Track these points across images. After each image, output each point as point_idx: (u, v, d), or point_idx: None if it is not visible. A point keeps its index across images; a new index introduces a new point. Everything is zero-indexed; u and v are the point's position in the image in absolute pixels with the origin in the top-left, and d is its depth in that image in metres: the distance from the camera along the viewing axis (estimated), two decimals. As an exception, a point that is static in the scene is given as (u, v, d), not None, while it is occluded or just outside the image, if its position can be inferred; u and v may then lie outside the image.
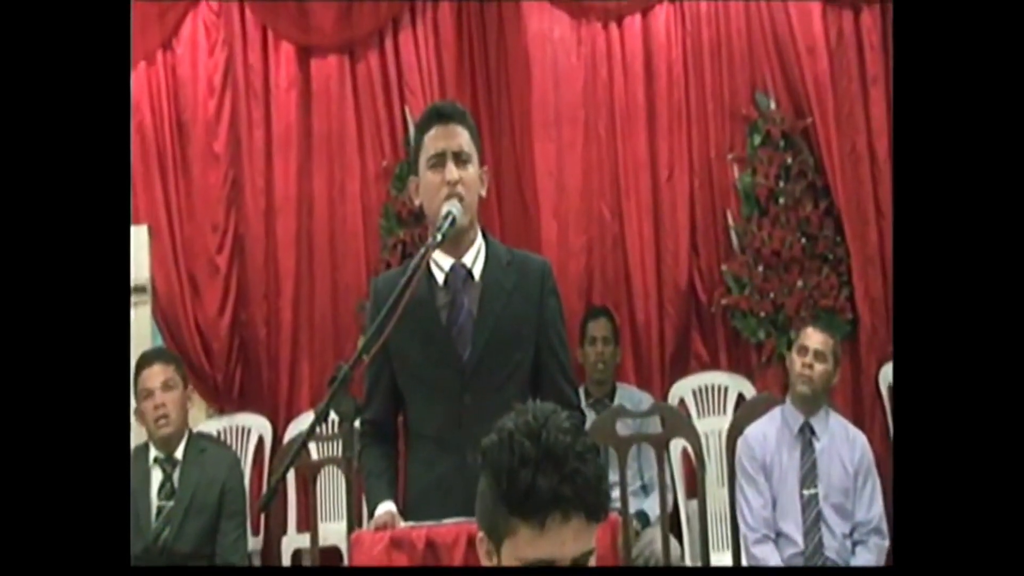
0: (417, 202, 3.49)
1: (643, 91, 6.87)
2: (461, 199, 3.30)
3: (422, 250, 3.23)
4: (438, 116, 3.40)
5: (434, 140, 3.36)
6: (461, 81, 6.90)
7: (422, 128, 3.42)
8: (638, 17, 6.90)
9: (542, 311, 3.45)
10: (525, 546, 2.14)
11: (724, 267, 6.72)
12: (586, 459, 2.16)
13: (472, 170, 3.38)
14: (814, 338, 5.09)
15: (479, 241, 3.45)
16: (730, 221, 6.78)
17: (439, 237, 3.22)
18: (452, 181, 3.30)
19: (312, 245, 6.97)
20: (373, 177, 6.95)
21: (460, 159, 3.35)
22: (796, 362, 5.08)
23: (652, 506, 5.67)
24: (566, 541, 2.13)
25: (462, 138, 3.37)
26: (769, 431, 5.09)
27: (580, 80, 6.92)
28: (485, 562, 2.26)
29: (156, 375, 5.05)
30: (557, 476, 2.11)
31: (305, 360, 6.92)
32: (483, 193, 3.47)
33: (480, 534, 2.27)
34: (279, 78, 7.03)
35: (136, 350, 6.00)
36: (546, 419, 2.19)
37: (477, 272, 3.41)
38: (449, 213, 3.25)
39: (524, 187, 6.84)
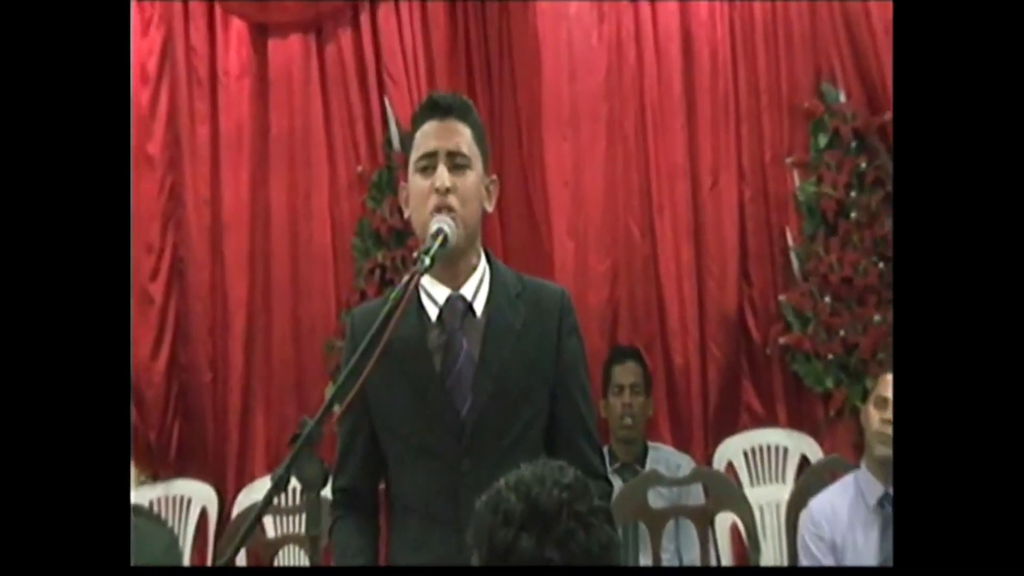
0: (407, 214, 3.45)
1: (680, 81, 6.89)
2: (453, 212, 3.25)
3: (407, 277, 3.11)
4: (434, 109, 3.36)
5: (426, 138, 3.32)
6: (455, 68, 6.94)
7: (416, 122, 3.39)
8: (675, -12, 6.92)
9: (560, 355, 3.40)
10: None
11: (782, 298, 6.71)
12: (587, 523, 2.16)
13: (472, 177, 3.32)
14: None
15: (482, 267, 3.39)
16: (789, 241, 6.78)
17: (427, 261, 3.12)
18: (442, 188, 3.24)
19: (269, 270, 7.01)
20: (345, 186, 6.99)
21: (456, 162, 3.29)
22: (874, 417, 5.02)
23: (694, 595, 5.65)
24: None
25: (461, 137, 3.33)
26: (840, 504, 5.04)
27: (602, 66, 6.93)
28: None
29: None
30: (545, 538, 2.11)
31: (260, 413, 6.94)
32: (489, 207, 3.42)
33: None
34: (228, 64, 7.08)
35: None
36: (543, 474, 2.17)
37: (479, 306, 3.36)
38: (440, 230, 3.18)
39: (533, 198, 6.86)
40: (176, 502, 6.66)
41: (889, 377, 5.08)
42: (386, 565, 3.45)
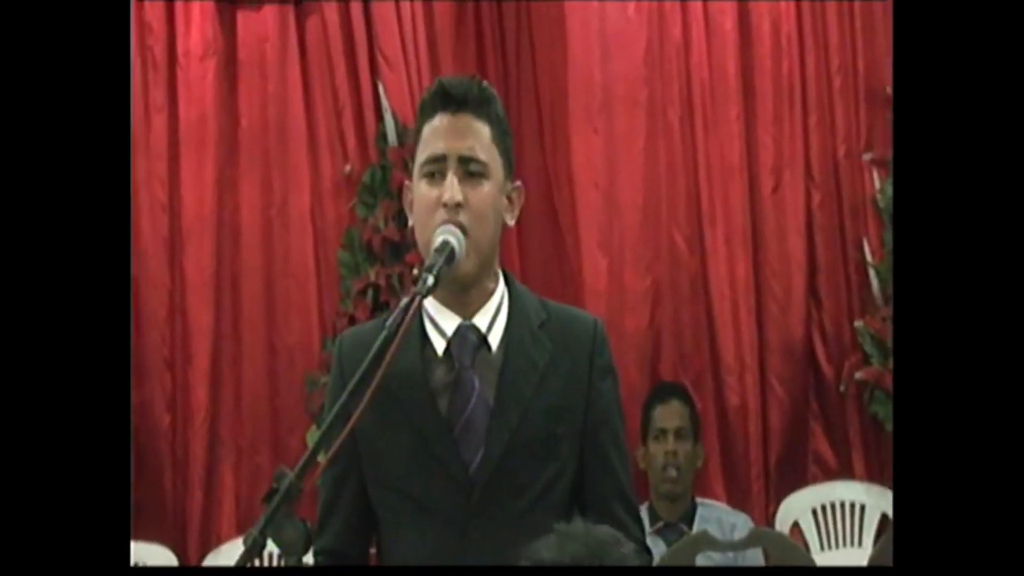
0: (411, 223, 3.37)
1: (735, 60, 6.95)
2: (465, 229, 3.17)
3: (407, 299, 3.02)
4: (445, 99, 3.27)
5: (435, 136, 3.25)
6: (462, 45, 6.99)
7: (424, 114, 3.31)
8: (728, -51, 6.96)
9: (591, 400, 3.35)
10: None
11: (859, 324, 6.74)
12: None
13: (488, 188, 3.24)
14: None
15: (500, 292, 3.35)
16: (868, 255, 6.81)
17: (430, 280, 3.02)
18: (451, 203, 3.17)
19: (239, 290, 7.02)
20: (330, 189, 7.03)
21: (470, 170, 3.22)
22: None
23: None
24: None
25: (477, 138, 3.25)
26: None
27: (641, 44, 6.98)
28: None
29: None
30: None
31: (228, 463, 6.93)
32: (511, 221, 3.35)
33: None
34: (190, 43, 7.09)
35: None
36: (603, 549, 2.20)
37: (495, 339, 3.31)
38: (445, 244, 3.10)
39: (557, 204, 6.91)
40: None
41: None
42: None
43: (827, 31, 6.86)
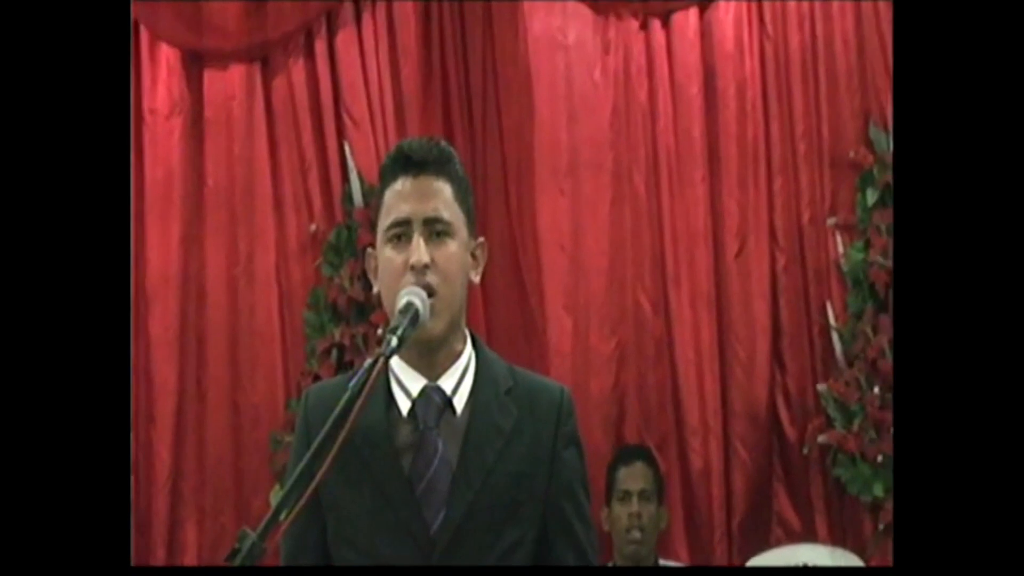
0: (375, 288, 3.37)
1: (700, 124, 6.97)
2: (432, 291, 3.17)
3: (371, 360, 3.00)
4: (406, 163, 3.28)
5: (397, 199, 3.25)
6: (429, 106, 6.99)
7: (385, 179, 3.32)
8: (693, 13, 7.02)
9: (555, 468, 3.33)
10: None
11: (822, 387, 6.75)
12: None
13: (455, 246, 3.25)
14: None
15: (467, 354, 3.35)
16: (831, 319, 6.83)
17: (394, 342, 3.01)
18: (419, 265, 3.17)
19: (204, 349, 7.00)
20: (296, 248, 7.02)
21: (435, 230, 3.22)
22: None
23: None
24: None
25: (440, 198, 3.26)
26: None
27: (607, 107, 7.01)
28: None
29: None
30: None
31: (191, 523, 6.91)
32: (476, 278, 3.36)
33: None
34: (156, 100, 7.10)
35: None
36: None
37: (460, 402, 3.30)
38: (409, 305, 3.08)
39: (523, 266, 6.90)
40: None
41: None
42: None
43: (792, 97, 6.89)
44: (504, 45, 6.97)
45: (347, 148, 6.95)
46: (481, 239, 3.39)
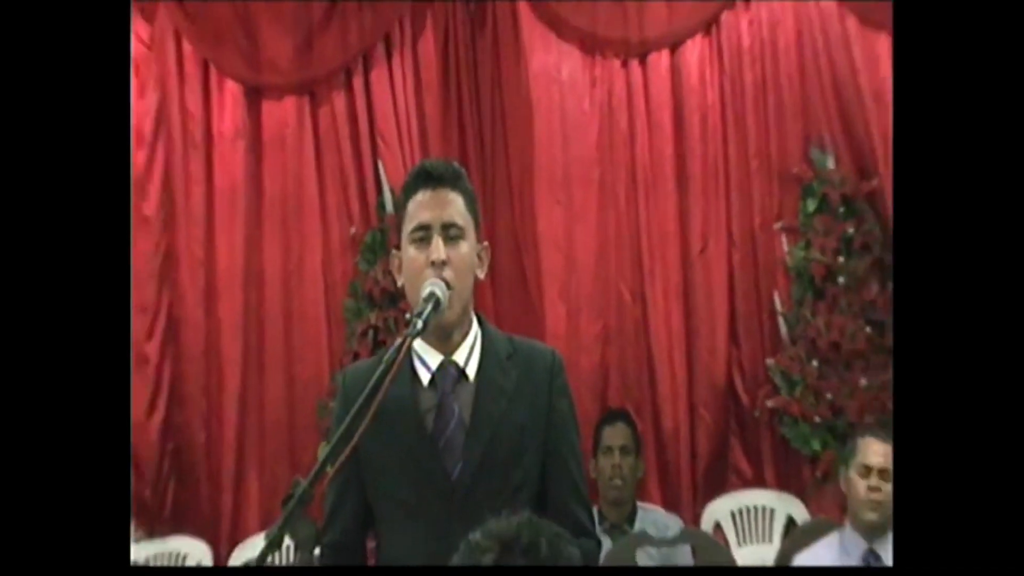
0: (400, 282, 3.41)
1: (671, 146, 6.94)
2: (449, 283, 3.21)
3: (400, 340, 3.06)
4: (426, 178, 3.32)
5: (419, 208, 3.29)
6: (447, 131, 6.98)
7: (408, 191, 3.35)
8: (665, 54, 6.99)
9: (551, 417, 3.37)
10: None
11: (770, 361, 6.76)
12: (548, 538, 2.18)
13: (465, 247, 3.29)
14: (878, 453, 5.05)
15: (474, 332, 3.37)
16: (778, 306, 6.82)
17: (419, 325, 3.07)
18: (438, 262, 3.21)
19: (263, 331, 7.00)
20: (338, 248, 7.01)
21: (450, 234, 3.26)
22: (859, 485, 5.05)
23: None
24: None
25: (454, 207, 3.30)
26: (825, 562, 5.06)
27: (594, 130, 6.99)
28: None
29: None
30: (507, 551, 2.13)
31: (253, 473, 6.92)
32: (481, 274, 3.39)
33: None
34: (223, 126, 7.08)
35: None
36: (525, 523, 2.20)
37: (471, 371, 3.33)
38: (432, 295, 3.13)
39: (525, 263, 6.90)
40: (171, 559, 6.61)
41: (872, 442, 5.12)
42: None
43: (745, 123, 6.86)
44: (509, 80, 6.95)
45: (380, 165, 6.94)
46: (485, 243, 3.42)
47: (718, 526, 6.57)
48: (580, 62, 7.02)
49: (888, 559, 5.03)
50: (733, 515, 6.63)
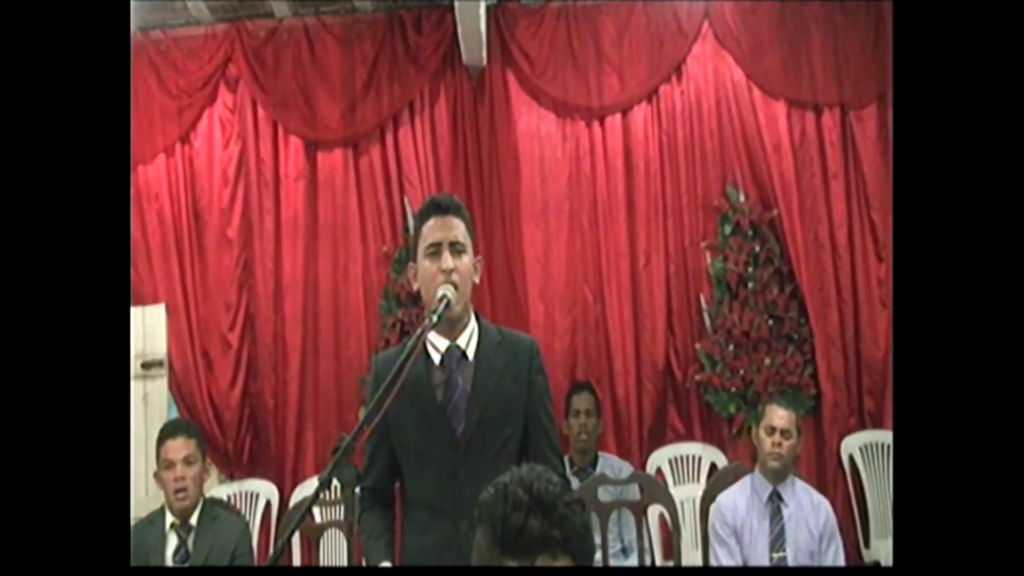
0: (415, 287, 3.42)
1: (623, 184, 6.91)
2: (456, 286, 3.25)
3: (419, 331, 3.11)
4: (436, 208, 3.35)
5: (432, 230, 3.31)
6: (456, 173, 6.93)
7: (422, 218, 3.37)
8: (618, 116, 6.96)
9: (530, 388, 3.39)
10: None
11: (697, 346, 6.74)
12: (573, 508, 2.16)
13: (467, 259, 3.32)
14: (780, 417, 5.07)
15: (472, 324, 3.39)
16: (703, 304, 6.80)
17: (435, 319, 3.15)
18: (447, 270, 3.25)
19: (317, 323, 6.96)
20: (374, 261, 6.95)
21: (455, 249, 3.30)
22: (765, 441, 5.08)
23: (631, 566, 5.64)
24: None
25: (458, 230, 3.32)
26: (740, 498, 5.08)
27: (565, 174, 6.96)
28: None
29: (179, 448, 4.98)
30: (547, 520, 2.11)
31: (310, 430, 6.89)
32: (477, 280, 3.41)
33: None
34: (288, 170, 7.05)
35: (153, 421, 6.01)
36: (538, 474, 2.20)
37: (471, 353, 3.35)
38: (444, 296, 3.19)
39: (514, 272, 6.84)
40: (247, 496, 6.62)
41: (776, 408, 5.13)
42: (400, 548, 3.39)
43: (678, 168, 6.85)
44: (502, 136, 6.92)
45: (406, 200, 6.91)
46: (480, 256, 3.48)
47: (659, 470, 6.55)
48: (555, 123, 7.00)
49: (788, 499, 5.05)
50: (671, 461, 6.62)
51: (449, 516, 3.22)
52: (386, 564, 3.20)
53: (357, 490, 3.27)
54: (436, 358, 3.34)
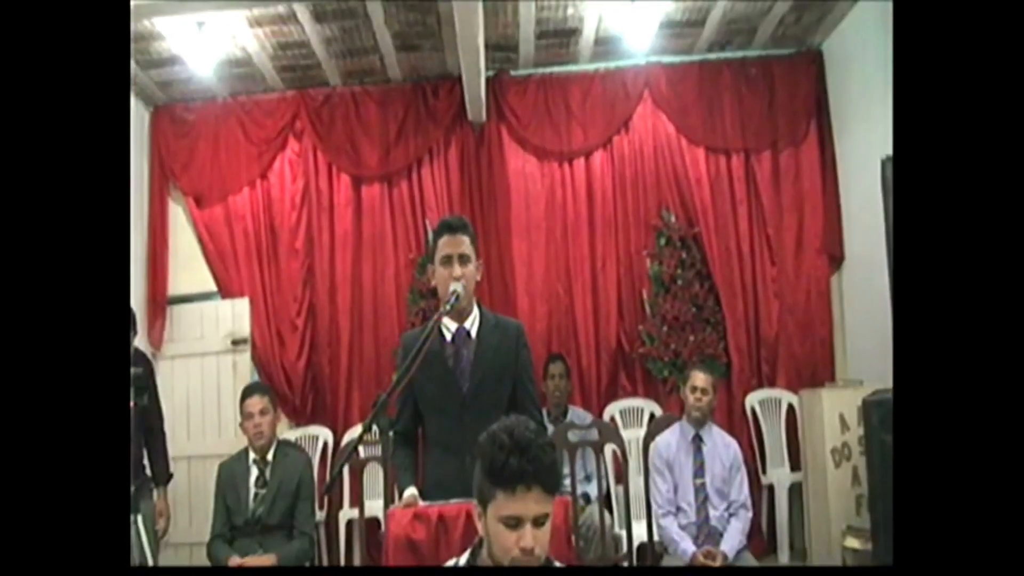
0: (432, 284, 3.44)
1: (586, 209, 6.88)
2: (462, 286, 3.25)
3: (434, 317, 3.19)
4: (448, 228, 3.35)
5: (445, 245, 3.32)
6: (464, 200, 6.90)
7: (438, 234, 3.37)
8: (583, 159, 6.94)
9: (517, 359, 3.40)
10: (501, 507, 2.16)
11: (640, 327, 6.72)
12: (544, 449, 2.20)
13: (471, 266, 3.32)
14: (700, 379, 5.09)
15: (475, 312, 3.40)
16: (645, 297, 6.78)
17: (447, 308, 3.20)
18: (457, 276, 3.26)
19: (361, 311, 6.92)
20: (403, 266, 6.91)
21: (463, 259, 3.29)
22: (689, 396, 5.09)
23: (592, 490, 5.64)
24: (529, 504, 2.15)
25: (464, 245, 3.31)
26: (672, 439, 5.09)
27: (543, 201, 6.93)
28: (478, 524, 2.26)
29: (256, 404, 5.03)
30: (524, 458, 2.14)
31: (356, 390, 6.84)
32: (479, 279, 3.41)
33: (474, 503, 2.27)
34: (339, 198, 7.01)
35: (240, 384, 6.00)
36: (519, 422, 2.23)
37: (473, 333, 3.36)
38: (455, 291, 3.22)
39: (505, 273, 6.81)
40: (309, 439, 6.61)
41: (697, 372, 5.14)
42: (422, 477, 3.36)
43: (626, 196, 6.82)
44: (497, 173, 6.91)
45: (427, 220, 6.87)
46: (480, 262, 3.44)
47: (612, 418, 6.53)
48: (536, 164, 6.97)
49: (707, 440, 5.05)
50: (621, 412, 6.59)
51: (458, 452, 3.19)
52: (412, 488, 3.19)
53: (390, 433, 3.29)
54: (448, 336, 3.35)
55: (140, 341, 6.08)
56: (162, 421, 5.06)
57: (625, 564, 5.35)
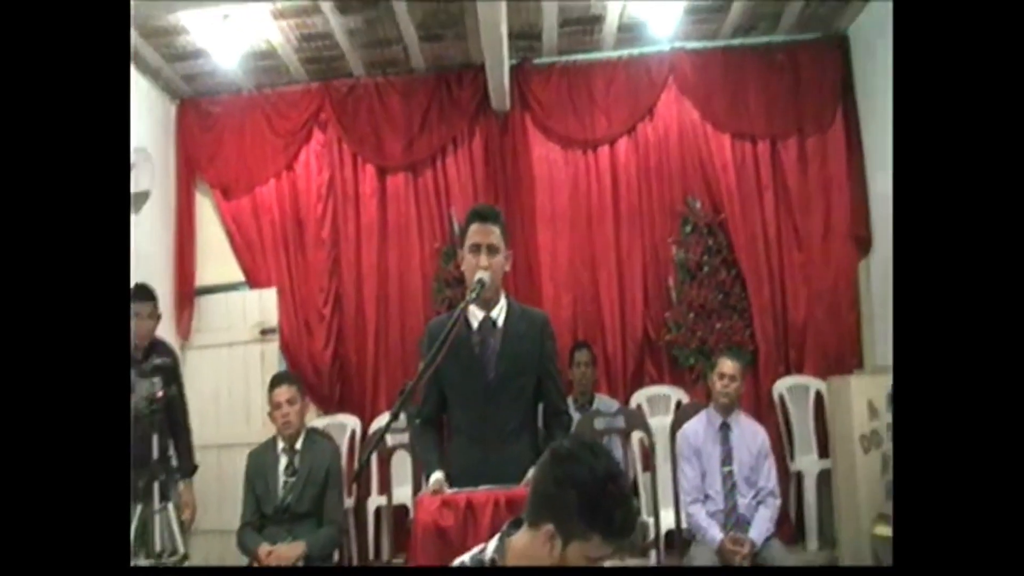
0: (461, 269, 3.43)
1: (610, 197, 6.85)
2: (490, 275, 3.24)
3: (461, 306, 3.18)
4: (478, 216, 3.34)
5: (474, 233, 3.31)
6: (487, 190, 6.88)
7: (468, 220, 3.35)
8: (607, 147, 6.90)
9: (543, 348, 3.40)
10: (592, 549, 2.06)
11: (667, 315, 6.69)
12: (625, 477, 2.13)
13: (499, 256, 3.31)
14: (728, 366, 5.06)
15: (503, 301, 3.40)
16: (670, 284, 6.74)
17: (473, 296, 3.20)
18: (484, 265, 3.25)
19: (387, 300, 6.93)
20: (428, 255, 6.91)
21: (491, 249, 3.28)
22: (716, 383, 5.06)
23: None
24: (615, 551, 2.09)
25: (493, 235, 3.30)
26: (699, 427, 5.07)
27: (568, 189, 6.90)
28: (549, 544, 2.06)
29: (284, 393, 5.05)
30: (631, 513, 2.07)
31: (383, 378, 6.86)
32: (507, 269, 3.39)
33: (550, 528, 2.07)
34: (365, 188, 7.01)
35: (268, 373, 6.03)
36: (610, 462, 2.11)
37: (500, 322, 3.36)
38: (480, 280, 3.21)
39: (531, 262, 6.79)
40: (337, 427, 6.62)
41: (725, 360, 5.11)
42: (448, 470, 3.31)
43: (651, 184, 6.77)
44: (522, 161, 6.89)
45: (452, 210, 6.88)
46: (509, 251, 3.41)
47: (639, 406, 6.51)
48: (560, 152, 6.95)
49: (734, 427, 5.02)
50: (647, 399, 6.58)
51: (482, 440, 3.26)
52: (439, 474, 3.20)
53: (417, 421, 3.29)
54: (475, 325, 3.35)
55: (168, 332, 6.12)
56: (187, 415, 5.11)
57: (653, 551, 5.34)
